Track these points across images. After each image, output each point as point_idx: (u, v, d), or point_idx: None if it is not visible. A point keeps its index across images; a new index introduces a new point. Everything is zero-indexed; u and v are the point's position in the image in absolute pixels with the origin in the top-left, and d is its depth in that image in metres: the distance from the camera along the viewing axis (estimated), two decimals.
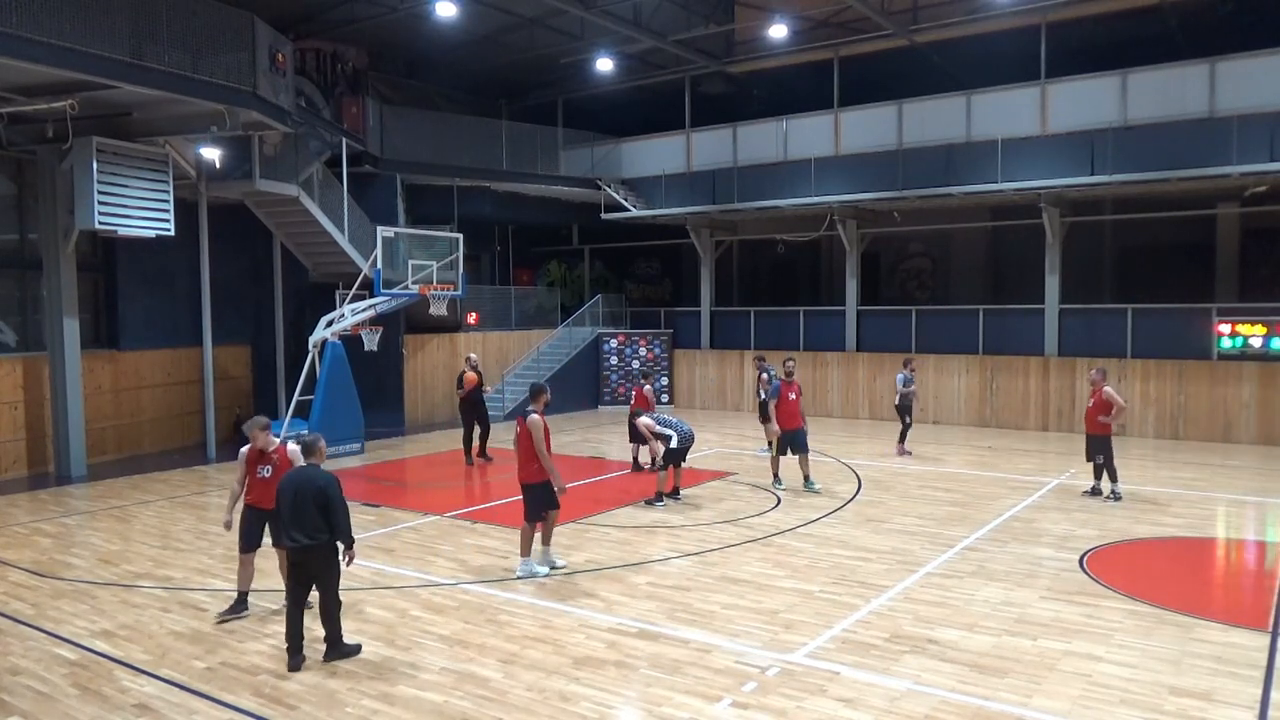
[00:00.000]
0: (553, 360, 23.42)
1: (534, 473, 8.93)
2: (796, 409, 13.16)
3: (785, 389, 13.11)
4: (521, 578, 8.98)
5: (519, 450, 9.03)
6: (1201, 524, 11.22)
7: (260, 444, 7.91)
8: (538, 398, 9.28)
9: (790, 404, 13.09)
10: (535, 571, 9.07)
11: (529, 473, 8.96)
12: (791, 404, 13.11)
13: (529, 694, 6.36)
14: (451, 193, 22.51)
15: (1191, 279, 20.61)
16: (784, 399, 13.07)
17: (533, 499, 9.01)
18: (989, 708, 6.05)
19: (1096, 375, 12.58)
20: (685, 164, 23.54)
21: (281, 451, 7.88)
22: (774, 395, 13.22)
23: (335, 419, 16.47)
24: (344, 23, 19.92)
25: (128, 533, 11.20)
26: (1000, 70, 19.51)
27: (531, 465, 8.92)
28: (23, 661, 7.09)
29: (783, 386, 13.13)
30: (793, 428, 13.06)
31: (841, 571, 9.19)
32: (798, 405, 13.20)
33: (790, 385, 13.19)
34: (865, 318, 22.33)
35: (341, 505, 6.91)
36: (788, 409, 13.07)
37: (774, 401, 13.11)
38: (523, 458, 8.99)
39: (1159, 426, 18.11)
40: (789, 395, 13.12)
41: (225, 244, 17.89)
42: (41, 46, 11.36)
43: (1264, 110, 16.36)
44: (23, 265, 15.80)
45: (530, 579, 8.97)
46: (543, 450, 8.85)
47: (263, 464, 7.88)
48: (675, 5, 21.54)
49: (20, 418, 15.21)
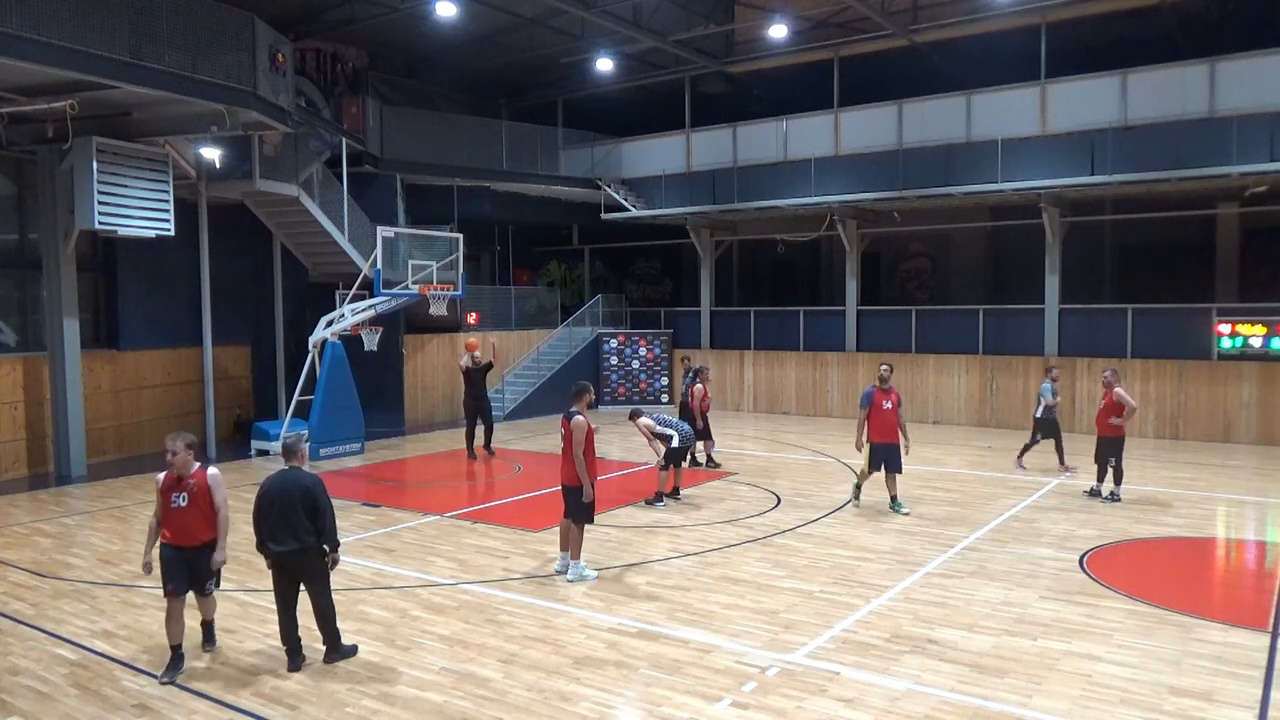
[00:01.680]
0: (553, 360, 23.43)
1: (578, 474, 8.82)
2: (894, 421, 11.57)
3: (879, 397, 11.56)
4: (572, 581, 8.87)
5: (564, 451, 8.89)
6: (1201, 524, 11.22)
7: (179, 467, 6.83)
8: (581, 397, 9.04)
9: (885, 414, 11.54)
10: (585, 575, 8.97)
11: (575, 474, 8.81)
12: (887, 414, 11.54)
13: (529, 694, 6.36)
14: (451, 193, 22.51)
15: (1191, 279, 20.62)
16: (877, 408, 11.54)
17: (578, 501, 8.86)
18: (989, 708, 6.05)
19: (1110, 376, 12.46)
20: (685, 164, 23.54)
21: (200, 477, 6.85)
22: (865, 404, 11.61)
23: (335, 419, 16.49)
24: (344, 23, 19.92)
25: (128, 533, 11.20)
26: (1000, 70, 19.51)
27: (574, 466, 8.80)
28: (23, 661, 7.09)
29: (876, 394, 11.57)
30: (887, 442, 11.54)
31: (841, 571, 9.19)
32: (895, 416, 11.58)
33: (886, 393, 11.59)
34: (865, 318, 22.32)
35: (329, 506, 6.82)
36: (882, 420, 11.55)
37: (864, 411, 11.59)
38: (569, 458, 8.84)
39: (1159, 426, 18.11)
40: (883, 404, 11.56)
41: (225, 244, 17.89)
42: (41, 46, 11.35)
43: (1264, 110, 16.36)
44: (23, 265, 15.81)
45: (580, 581, 8.87)
46: (579, 454, 8.70)
47: (178, 491, 6.80)
48: (675, 5, 21.54)
49: (20, 418, 15.21)
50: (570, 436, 8.76)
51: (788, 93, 23.07)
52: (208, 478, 6.86)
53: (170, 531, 6.84)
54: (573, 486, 8.89)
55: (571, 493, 8.91)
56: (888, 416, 11.53)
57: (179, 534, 6.81)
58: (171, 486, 6.83)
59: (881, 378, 11.79)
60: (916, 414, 20.90)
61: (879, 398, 11.56)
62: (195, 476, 6.84)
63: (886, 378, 11.80)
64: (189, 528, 6.83)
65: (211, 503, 6.86)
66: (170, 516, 6.83)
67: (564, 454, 8.91)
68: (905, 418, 11.74)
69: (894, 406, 11.57)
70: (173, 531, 6.83)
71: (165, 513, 6.83)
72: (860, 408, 11.74)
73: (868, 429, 11.54)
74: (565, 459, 8.90)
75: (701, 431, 14.42)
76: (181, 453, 6.80)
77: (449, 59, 23.27)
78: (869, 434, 11.54)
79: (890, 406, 11.53)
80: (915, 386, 20.96)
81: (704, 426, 14.56)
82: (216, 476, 6.89)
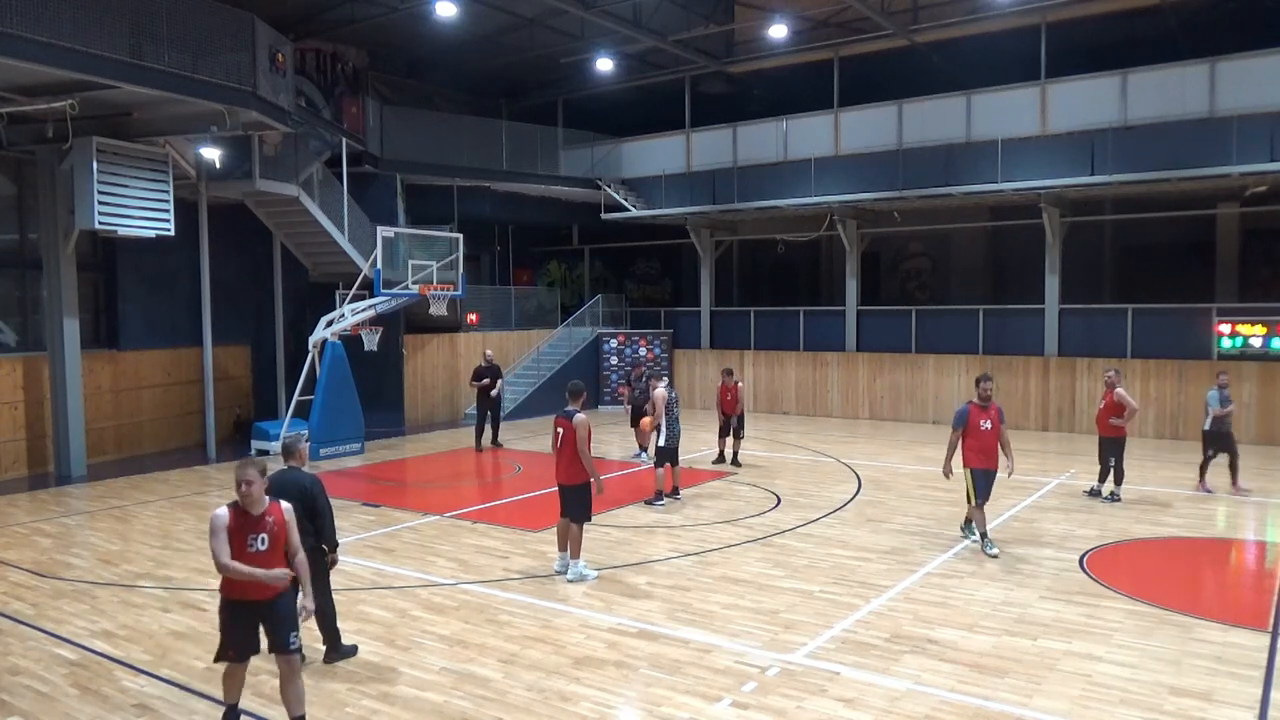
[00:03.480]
0: (553, 360, 23.44)
1: (579, 473, 8.83)
2: (994, 443, 9.77)
3: (976, 415, 9.75)
4: (573, 581, 8.86)
5: (563, 450, 8.84)
6: (1201, 524, 11.22)
7: (252, 503, 5.56)
8: (578, 397, 9.07)
9: (984, 436, 9.71)
10: (585, 575, 8.97)
11: (573, 474, 8.83)
12: (986, 436, 9.71)
13: (529, 694, 6.36)
14: (451, 193, 22.52)
15: (1191, 279, 20.63)
16: (974, 429, 9.71)
17: (581, 500, 8.88)
18: (989, 708, 6.05)
19: (1113, 376, 12.38)
20: (685, 164, 23.54)
21: (278, 513, 5.69)
22: (959, 424, 9.83)
23: (335, 419, 16.50)
24: (344, 23, 19.91)
25: (128, 533, 11.20)
26: (1000, 70, 19.51)
27: (576, 466, 8.80)
28: (23, 661, 7.09)
29: (973, 411, 9.78)
30: (988, 467, 9.77)
31: (841, 571, 9.19)
32: (996, 437, 9.77)
33: (985, 411, 9.78)
34: (865, 318, 22.32)
35: (327, 507, 6.80)
36: (980, 443, 9.73)
37: (957, 432, 9.84)
38: (568, 458, 8.82)
39: (1159, 426, 18.10)
40: (980, 424, 9.71)
41: (225, 244, 17.89)
42: (41, 46, 11.35)
43: (1264, 110, 16.36)
44: (23, 265, 15.81)
45: (580, 581, 8.87)
46: (586, 451, 8.73)
47: (255, 532, 5.55)
48: (675, 5, 21.54)
49: (20, 418, 15.21)
50: (571, 436, 8.75)
51: (788, 93, 23.07)
52: (283, 512, 5.73)
53: (241, 585, 5.56)
54: (573, 485, 8.88)
55: (572, 492, 8.90)
56: (986, 438, 9.72)
57: (252, 586, 5.53)
58: (245, 527, 5.54)
59: (982, 395, 9.85)
60: (916, 414, 20.95)
61: (976, 416, 9.73)
62: (272, 513, 5.63)
63: (988, 394, 9.87)
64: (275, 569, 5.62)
65: (290, 542, 5.74)
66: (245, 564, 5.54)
67: (561, 454, 8.88)
68: (1008, 435, 9.98)
69: (994, 426, 9.74)
70: (244, 584, 5.54)
71: (240, 558, 5.51)
72: (953, 428, 9.97)
73: (963, 452, 9.82)
74: (562, 458, 8.88)
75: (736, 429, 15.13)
76: (256, 484, 5.55)
77: (449, 59, 23.27)
78: (966, 458, 9.78)
79: (990, 426, 9.72)
80: (915, 386, 20.98)
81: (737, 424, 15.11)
82: (291, 510, 5.83)
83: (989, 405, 9.85)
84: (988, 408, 9.83)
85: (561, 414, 8.94)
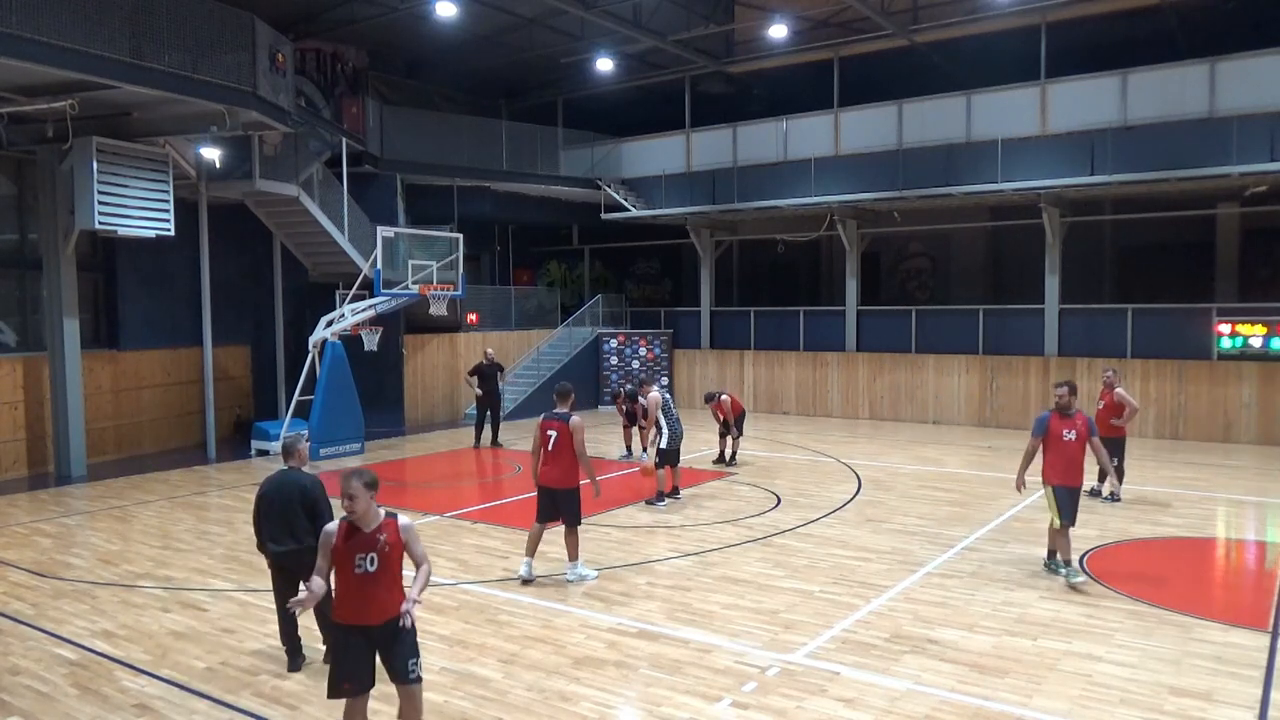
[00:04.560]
0: (553, 360, 23.44)
1: (573, 476, 8.70)
2: (1079, 456, 8.73)
3: (1058, 424, 8.74)
4: (572, 581, 8.82)
5: (556, 453, 8.64)
6: (1201, 524, 11.22)
7: (360, 518, 4.98)
8: (567, 399, 8.96)
9: (1067, 448, 8.69)
10: (585, 575, 8.93)
11: (569, 477, 8.68)
12: (1069, 447, 8.68)
13: (529, 694, 6.36)
14: (451, 193, 22.52)
15: (1191, 279, 20.63)
16: (1055, 440, 8.71)
17: (575, 504, 8.79)
18: (989, 708, 6.05)
19: (1111, 376, 12.34)
20: (685, 164, 23.54)
21: (392, 530, 5.04)
22: (1039, 433, 8.81)
23: (335, 419, 16.49)
24: (344, 23, 19.92)
25: (128, 533, 11.20)
26: (1000, 70, 19.51)
27: (571, 469, 8.66)
28: (23, 661, 7.09)
29: (1054, 420, 8.77)
30: (1071, 484, 8.71)
31: (841, 571, 9.19)
32: (1081, 452, 8.75)
33: (1068, 420, 8.75)
34: (865, 318, 22.33)
35: (328, 508, 6.78)
36: (1063, 456, 8.70)
37: (1036, 441, 8.83)
38: (564, 461, 8.64)
39: (1159, 426, 18.10)
40: (1062, 434, 8.70)
41: (225, 244, 17.89)
42: (41, 46, 11.35)
43: (1264, 110, 16.35)
44: (23, 265, 15.80)
45: (580, 582, 8.83)
46: (584, 453, 8.65)
47: (364, 551, 4.95)
48: (675, 5, 21.54)
49: (20, 418, 15.21)
50: (568, 438, 8.61)
51: (788, 93, 23.08)
52: (400, 530, 5.07)
53: (351, 607, 4.98)
54: (567, 489, 8.71)
55: (566, 495, 8.73)
56: (1071, 450, 8.69)
57: (363, 608, 4.95)
58: (354, 545, 4.96)
59: (1061, 404, 8.80)
60: (916, 414, 20.95)
61: (1058, 426, 8.73)
62: (385, 530, 5.02)
63: (1068, 403, 8.79)
64: (379, 599, 4.97)
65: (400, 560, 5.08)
66: (352, 587, 4.96)
67: (553, 456, 8.67)
68: (1102, 450, 8.98)
69: (1080, 438, 8.70)
70: (354, 606, 4.96)
71: (344, 582, 4.97)
72: (1032, 435, 8.92)
73: (1043, 467, 8.80)
74: (555, 461, 8.67)
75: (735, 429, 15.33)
76: (362, 497, 4.96)
77: (449, 59, 23.27)
78: (1047, 473, 8.77)
79: (1075, 438, 8.69)
80: (915, 386, 20.99)
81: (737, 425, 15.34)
82: (411, 528, 5.13)
83: (1073, 415, 8.79)
84: (1072, 416, 8.78)
85: (552, 416, 8.77)
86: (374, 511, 5.03)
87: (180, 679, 6.69)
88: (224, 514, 12.28)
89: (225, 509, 12.59)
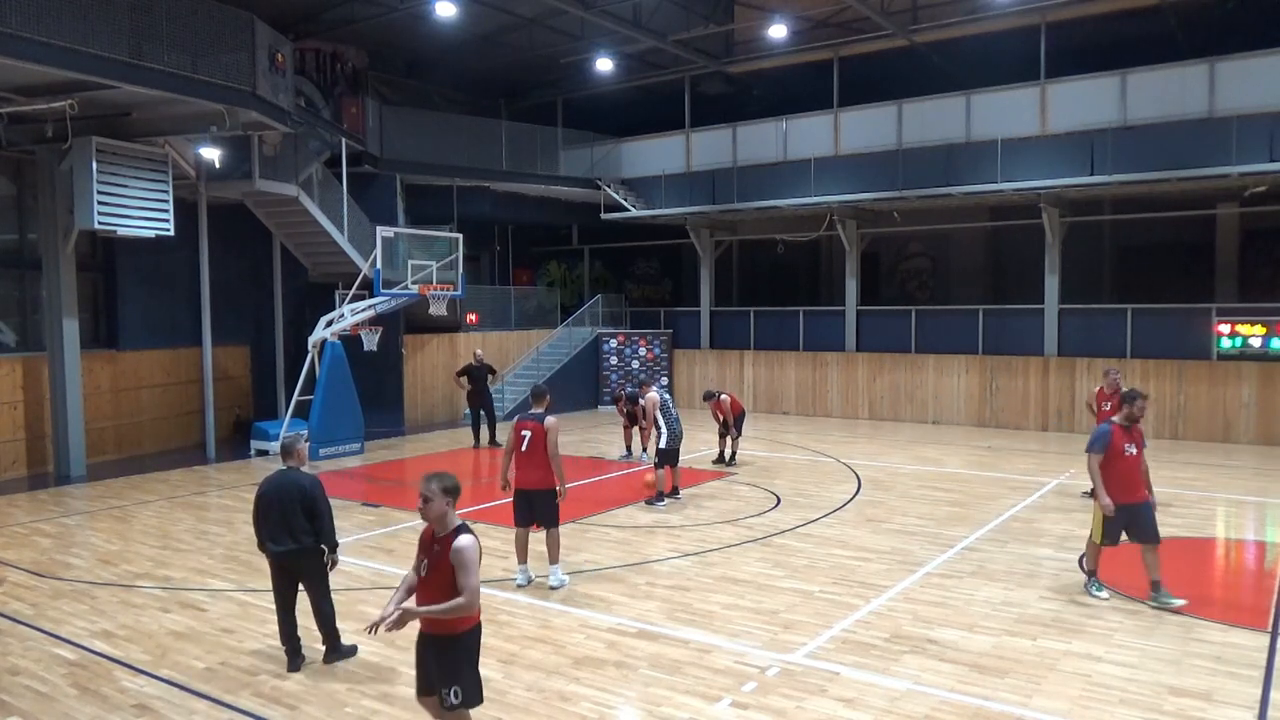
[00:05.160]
0: (552, 360, 23.44)
1: (551, 478, 8.67)
2: (1137, 471, 8.17)
3: (1120, 438, 8.13)
4: (555, 588, 8.72)
5: (530, 454, 8.62)
6: (1201, 524, 11.22)
7: (433, 520, 4.94)
8: (543, 400, 8.97)
9: (1128, 463, 8.10)
10: (564, 580, 8.88)
11: (547, 478, 8.64)
12: (1130, 463, 8.11)
13: (529, 694, 6.36)
14: (451, 193, 22.51)
15: (1191, 279, 20.63)
16: (1116, 454, 8.09)
17: (553, 505, 8.75)
18: (989, 708, 6.05)
19: (1115, 376, 12.27)
20: (685, 164, 23.54)
21: (448, 543, 4.86)
22: (1100, 447, 8.12)
23: (335, 419, 16.49)
24: (344, 23, 19.92)
25: (127, 533, 11.20)
26: (1000, 70, 19.51)
27: (548, 470, 8.63)
28: (22, 661, 7.09)
29: (1116, 434, 8.14)
30: (1129, 501, 8.07)
31: (841, 571, 9.18)
32: (1138, 466, 8.18)
33: (1129, 433, 8.18)
34: (865, 318, 22.33)
35: (326, 508, 6.81)
36: (1121, 471, 8.10)
37: (1099, 457, 8.11)
38: (539, 462, 8.60)
39: (1159, 426, 18.09)
40: (1124, 448, 8.11)
41: (225, 244, 17.89)
42: (41, 46, 11.34)
43: (1264, 110, 16.35)
44: (23, 265, 15.80)
45: (561, 586, 8.76)
46: (558, 454, 8.62)
47: (424, 554, 4.97)
48: (675, 5, 21.54)
49: (20, 418, 15.20)
50: (541, 439, 8.55)
51: (788, 93, 23.08)
52: (451, 549, 4.82)
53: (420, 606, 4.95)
54: (546, 490, 8.65)
55: (545, 497, 8.67)
56: (1130, 466, 8.12)
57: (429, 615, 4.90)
58: (423, 545, 4.99)
59: (1130, 415, 8.23)
60: (916, 414, 20.95)
61: (1120, 439, 8.13)
62: (445, 543, 4.85)
63: (1140, 415, 8.26)
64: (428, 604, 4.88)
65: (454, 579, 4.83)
66: (416, 588, 4.98)
67: (528, 458, 8.61)
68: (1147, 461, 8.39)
69: (1139, 451, 8.18)
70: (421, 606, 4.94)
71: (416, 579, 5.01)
72: (1093, 452, 8.17)
73: (1104, 481, 8.09)
74: (532, 463, 8.61)
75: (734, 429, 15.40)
76: (436, 500, 4.89)
77: (449, 59, 23.27)
78: (1108, 490, 8.07)
79: (1135, 452, 8.14)
80: (915, 386, 20.99)
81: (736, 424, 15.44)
82: (463, 551, 4.80)
83: (1133, 427, 8.25)
84: (1133, 429, 8.23)
85: (527, 417, 8.73)
86: (450, 518, 4.92)
87: (180, 679, 6.68)
88: (223, 514, 12.28)
89: (225, 509, 12.58)
